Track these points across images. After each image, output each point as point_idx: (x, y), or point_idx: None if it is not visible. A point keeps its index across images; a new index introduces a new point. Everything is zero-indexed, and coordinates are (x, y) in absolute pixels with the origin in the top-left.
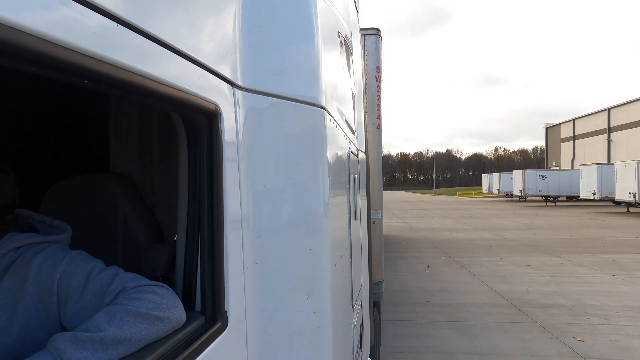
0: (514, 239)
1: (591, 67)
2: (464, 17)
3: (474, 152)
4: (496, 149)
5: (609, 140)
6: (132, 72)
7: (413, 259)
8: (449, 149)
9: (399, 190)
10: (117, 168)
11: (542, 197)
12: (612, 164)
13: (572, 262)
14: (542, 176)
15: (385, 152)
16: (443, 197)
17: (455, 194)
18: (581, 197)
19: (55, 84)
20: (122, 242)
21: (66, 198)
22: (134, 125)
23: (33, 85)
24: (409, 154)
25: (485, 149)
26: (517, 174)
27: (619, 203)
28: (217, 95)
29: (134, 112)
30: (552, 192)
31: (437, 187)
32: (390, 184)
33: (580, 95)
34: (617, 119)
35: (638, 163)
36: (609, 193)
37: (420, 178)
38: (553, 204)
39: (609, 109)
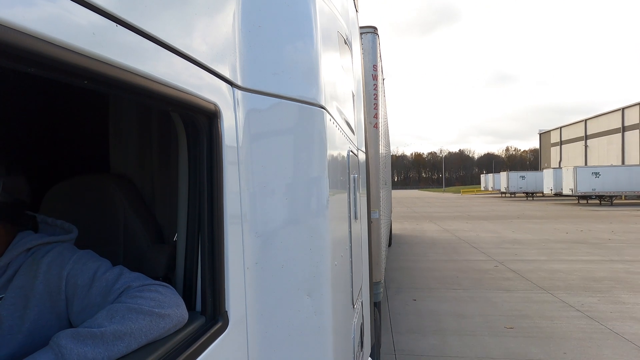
0: (472, 215)
1: (607, 63)
2: (473, 15)
3: (486, 152)
4: (507, 148)
5: (586, 146)
6: (131, 72)
7: (412, 222)
8: (462, 148)
9: (413, 189)
10: (116, 169)
11: (524, 193)
12: (561, 168)
13: (489, 222)
14: (522, 176)
15: (400, 151)
16: (449, 195)
17: (460, 192)
18: (544, 193)
19: (54, 84)
20: (122, 242)
21: (66, 199)
22: (134, 126)
23: (32, 87)
24: (423, 153)
25: (501, 147)
26: (503, 174)
27: (566, 196)
28: (217, 95)
29: (133, 112)
30: (530, 189)
31: (451, 185)
32: (405, 183)
33: (596, 91)
34: (591, 129)
35: (574, 168)
36: (560, 189)
37: (435, 177)
38: (532, 198)
39: (585, 120)
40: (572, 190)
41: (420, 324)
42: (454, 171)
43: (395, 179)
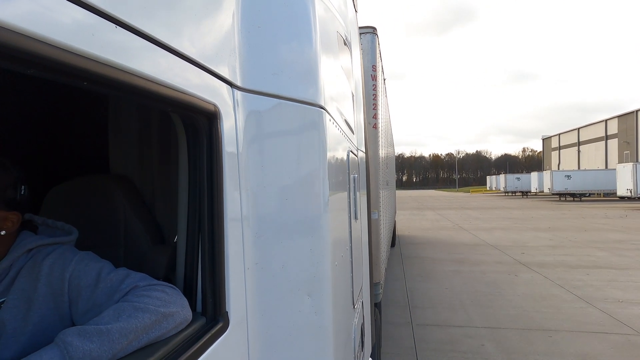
0: (464, 207)
1: (632, 60)
2: (488, 14)
3: (503, 153)
4: (524, 149)
5: (579, 152)
6: (131, 73)
7: (419, 210)
8: (479, 149)
9: (430, 189)
10: (116, 169)
11: (520, 192)
12: (542, 172)
13: (471, 210)
14: (518, 178)
15: (418, 153)
16: (460, 194)
17: (469, 191)
18: (531, 192)
19: (53, 85)
20: (122, 243)
21: (66, 200)
22: (133, 127)
23: (32, 87)
24: (441, 154)
25: (523, 146)
26: (502, 177)
27: (553, 194)
28: (217, 95)
29: (133, 113)
30: (525, 189)
31: (469, 185)
32: (424, 183)
33: (621, 89)
34: (583, 136)
35: (551, 172)
36: (542, 189)
37: (453, 177)
38: (526, 196)
39: (578, 129)
40: (549, 190)
41: (409, 237)
42: (472, 172)
43: (414, 180)
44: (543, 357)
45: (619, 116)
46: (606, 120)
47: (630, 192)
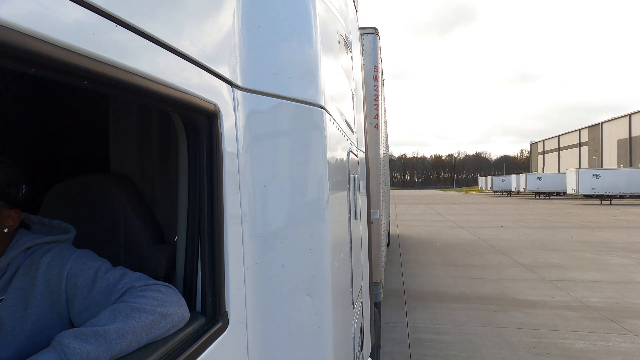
0: (450, 202)
1: (636, 59)
2: (490, 15)
3: (503, 154)
4: (521, 151)
5: (559, 156)
6: (131, 72)
7: (414, 205)
8: (479, 151)
9: (430, 189)
10: (117, 169)
11: (505, 191)
12: (519, 174)
13: (454, 204)
14: (502, 179)
15: (420, 153)
16: (455, 193)
17: (464, 191)
18: (512, 191)
19: (54, 84)
20: (122, 243)
21: (67, 199)
22: (134, 126)
23: (32, 86)
24: (442, 155)
25: (525, 146)
26: (489, 178)
27: (537, 194)
28: (217, 95)
29: (133, 112)
30: (508, 189)
31: (469, 185)
32: (425, 183)
33: (627, 89)
34: (562, 143)
35: (525, 175)
36: (521, 189)
37: (455, 177)
38: (509, 195)
39: (558, 136)
40: (524, 189)
41: (403, 217)
42: (472, 172)
43: (416, 180)
44: (439, 243)
45: (589, 127)
46: (579, 130)
47: (574, 190)
